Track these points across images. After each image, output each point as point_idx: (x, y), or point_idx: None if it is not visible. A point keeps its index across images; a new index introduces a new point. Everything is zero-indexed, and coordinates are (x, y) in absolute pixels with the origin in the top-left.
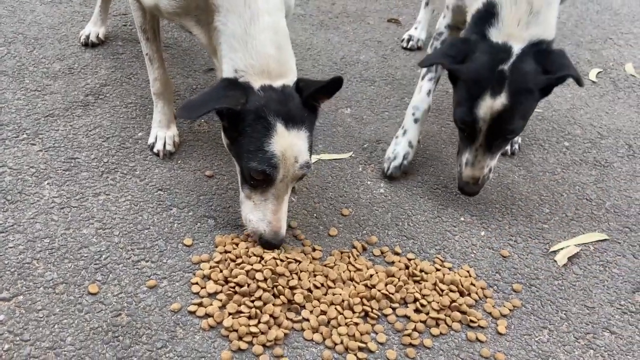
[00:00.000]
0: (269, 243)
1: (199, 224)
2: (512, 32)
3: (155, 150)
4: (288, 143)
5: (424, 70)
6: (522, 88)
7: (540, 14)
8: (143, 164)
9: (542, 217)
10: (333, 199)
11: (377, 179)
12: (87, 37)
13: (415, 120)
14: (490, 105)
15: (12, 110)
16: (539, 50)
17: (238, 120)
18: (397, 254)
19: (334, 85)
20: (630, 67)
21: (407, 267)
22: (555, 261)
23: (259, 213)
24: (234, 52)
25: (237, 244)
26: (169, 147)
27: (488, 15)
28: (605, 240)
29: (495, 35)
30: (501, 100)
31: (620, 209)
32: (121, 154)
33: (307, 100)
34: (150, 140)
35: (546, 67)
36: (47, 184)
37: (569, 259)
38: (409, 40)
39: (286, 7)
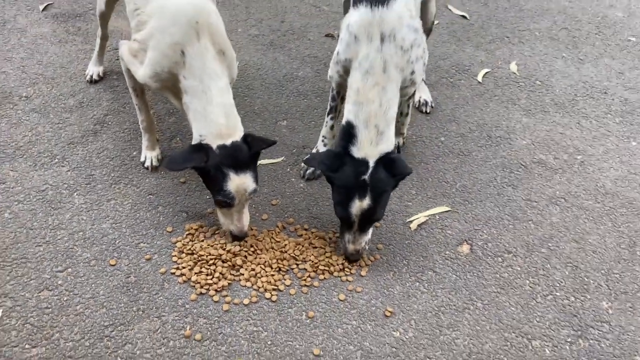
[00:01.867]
0: (236, 237)
1: (176, 216)
2: (367, 150)
3: (145, 165)
4: (239, 183)
5: (328, 109)
6: (380, 191)
7: (384, 134)
8: (138, 176)
9: (409, 197)
10: (267, 193)
11: (300, 177)
12: (91, 76)
13: (325, 145)
14: (359, 205)
15: (44, 140)
16: (386, 161)
17: (205, 172)
18: (305, 229)
19: (269, 142)
20: (513, 66)
21: (309, 238)
22: (410, 227)
23: (228, 220)
24: (197, 122)
25: (202, 229)
26: (155, 163)
27: (350, 134)
28: (448, 211)
29: (356, 152)
30: (367, 202)
31: (466, 187)
32: (122, 169)
33: (252, 149)
34: (142, 158)
35: (392, 171)
36: (76, 194)
37: (419, 225)
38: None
39: (230, 78)
